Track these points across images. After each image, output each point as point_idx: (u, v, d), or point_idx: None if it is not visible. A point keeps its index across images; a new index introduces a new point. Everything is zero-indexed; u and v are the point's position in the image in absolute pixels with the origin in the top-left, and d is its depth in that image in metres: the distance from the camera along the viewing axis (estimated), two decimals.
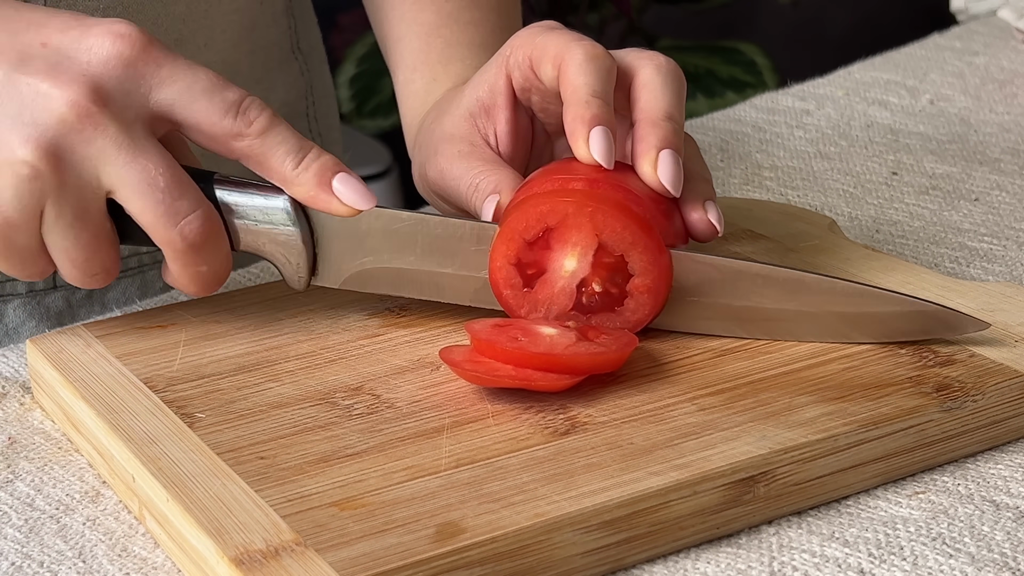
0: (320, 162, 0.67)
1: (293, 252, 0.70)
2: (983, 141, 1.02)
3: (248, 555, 0.54)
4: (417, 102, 0.83)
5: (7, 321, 0.85)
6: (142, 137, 0.65)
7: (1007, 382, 0.65)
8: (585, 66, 0.70)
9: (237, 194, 0.68)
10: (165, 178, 0.65)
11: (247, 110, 0.66)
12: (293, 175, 0.67)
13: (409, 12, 0.85)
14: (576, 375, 0.64)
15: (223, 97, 0.66)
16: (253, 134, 0.66)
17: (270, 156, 0.67)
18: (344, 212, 0.68)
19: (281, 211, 0.69)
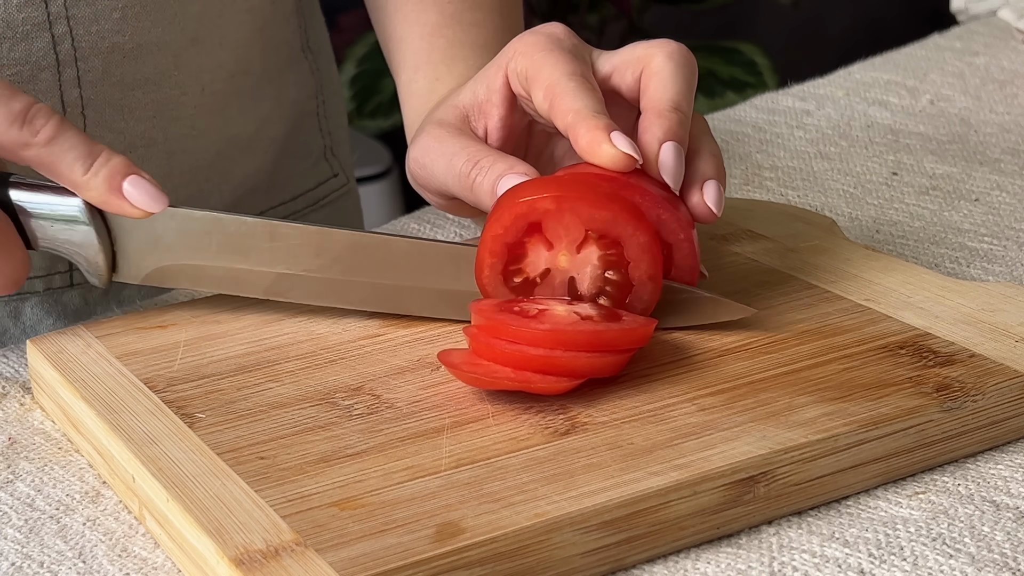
0: (110, 166, 0.68)
1: (91, 251, 0.71)
2: (983, 141, 1.02)
3: (248, 555, 0.54)
4: (420, 102, 0.83)
5: (24, 319, 0.85)
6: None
7: (1007, 382, 0.65)
8: (579, 93, 0.70)
9: (32, 195, 0.69)
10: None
11: (33, 118, 0.67)
12: (83, 180, 0.68)
13: (412, 13, 0.85)
14: (575, 378, 0.64)
15: (9, 107, 0.67)
16: (41, 142, 0.67)
17: (59, 163, 0.68)
18: (136, 214, 0.69)
19: (76, 211, 0.70)
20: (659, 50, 0.72)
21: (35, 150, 0.67)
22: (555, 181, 0.69)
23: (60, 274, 0.85)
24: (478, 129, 0.75)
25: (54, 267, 0.85)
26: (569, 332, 0.64)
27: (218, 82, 0.86)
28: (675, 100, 0.70)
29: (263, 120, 0.91)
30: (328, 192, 0.98)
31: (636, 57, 0.72)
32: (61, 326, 0.85)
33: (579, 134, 0.69)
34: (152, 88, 0.83)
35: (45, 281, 0.85)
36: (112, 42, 0.80)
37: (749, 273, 0.76)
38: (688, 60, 0.72)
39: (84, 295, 0.86)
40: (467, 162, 0.72)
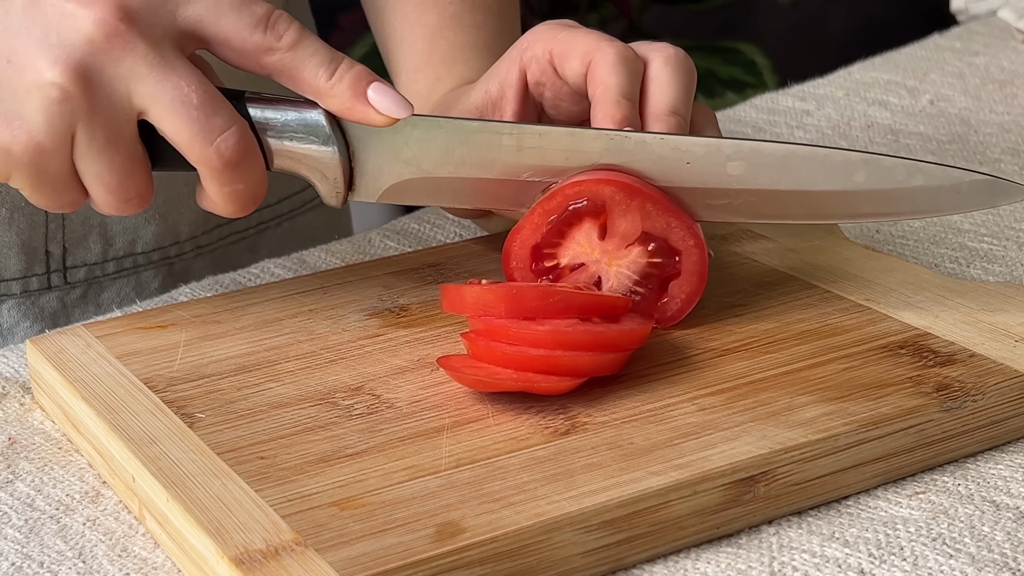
0: (354, 72, 0.67)
1: (329, 168, 0.69)
2: (983, 141, 1.02)
3: (248, 555, 0.54)
4: (420, 102, 0.83)
5: (1, 321, 0.85)
6: (172, 55, 0.64)
7: (1007, 382, 0.65)
8: (617, 67, 0.70)
9: (270, 111, 0.68)
10: (198, 95, 0.64)
11: (276, 23, 0.66)
12: (327, 87, 0.66)
13: (413, 14, 0.85)
14: (578, 376, 0.64)
15: (251, 11, 0.65)
16: (284, 47, 0.66)
17: (302, 68, 0.66)
18: (381, 122, 0.67)
19: (316, 126, 0.68)
20: (658, 55, 0.72)
21: (279, 55, 0.66)
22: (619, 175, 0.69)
23: (37, 276, 0.84)
24: None
25: (31, 269, 0.84)
26: (570, 333, 0.64)
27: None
28: (673, 104, 0.70)
29: None
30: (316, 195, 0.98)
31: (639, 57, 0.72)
32: (38, 329, 0.85)
33: (596, 116, 0.70)
34: None
35: (22, 283, 0.84)
36: None
37: (749, 273, 0.76)
38: (686, 64, 0.72)
39: (62, 297, 0.86)
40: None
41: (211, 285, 0.82)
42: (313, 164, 0.68)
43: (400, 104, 0.67)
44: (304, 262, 0.85)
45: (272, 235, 0.96)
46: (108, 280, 0.87)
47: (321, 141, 0.68)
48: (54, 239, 0.84)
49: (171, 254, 0.89)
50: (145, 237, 0.88)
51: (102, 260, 0.87)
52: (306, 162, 0.68)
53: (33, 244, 0.84)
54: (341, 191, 0.69)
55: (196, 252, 0.91)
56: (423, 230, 0.89)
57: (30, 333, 0.85)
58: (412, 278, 0.76)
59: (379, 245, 0.87)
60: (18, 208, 0.83)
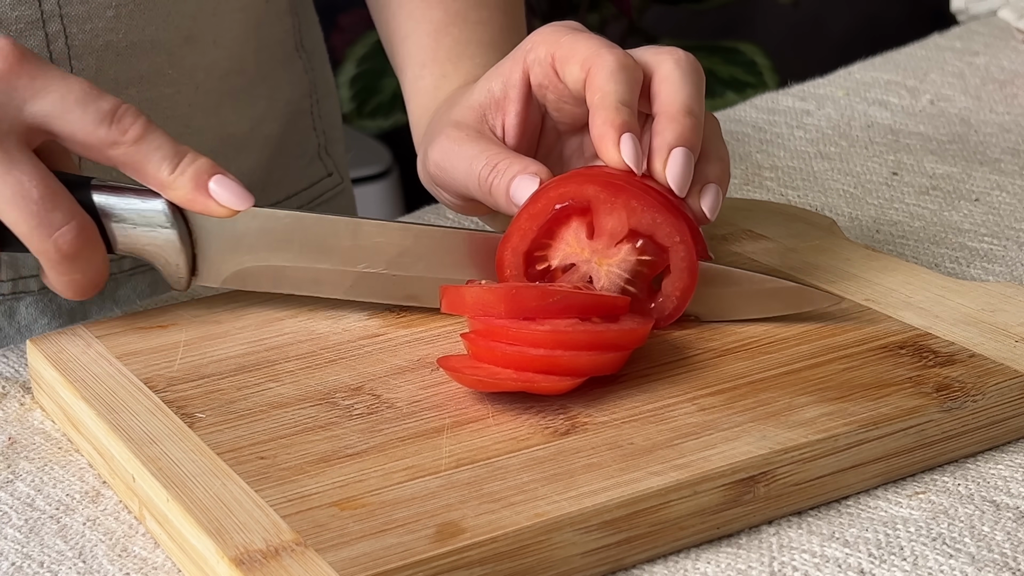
0: (196, 166, 0.69)
1: (172, 253, 0.71)
2: (983, 141, 1.02)
3: (248, 555, 0.54)
4: (426, 99, 0.83)
5: (19, 318, 0.85)
6: (15, 149, 0.66)
7: (1007, 382, 0.65)
8: (616, 74, 0.70)
9: (115, 198, 0.70)
10: (39, 190, 0.66)
11: (122, 118, 0.67)
12: (170, 180, 0.68)
13: (418, 10, 0.85)
14: (578, 376, 0.64)
15: (97, 107, 0.67)
16: (128, 142, 0.68)
17: (146, 163, 0.68)
18: (222, 213, 0.69)
19: (159, 213, 0.70)
20: (668, 57, 0.72)
21: (123, 149, 0.68)
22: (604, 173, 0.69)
23: None
24: (496, 127, 0.75)
25: None
26: (570, 333, 0.64)
27: (212, 80, 0.86)
28: (688, 104, 0.70)
29: (257, 119, 0.91)
30: (322, 191, 0.98)
31: (644, 63, 0.72)
32: (56, 325, 0.85)
33: (595, 122, 0.70)
34: (146, 86, 0.83)
35: (39, 280, 0.85)
36: (106, 40, 0.80)
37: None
38: (695, 67, 0.72)
39: None
40: (485, 166, 0.72)
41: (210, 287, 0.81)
42: (156, 250, 0.71)
43: (241, 196, 0.69)
44: None
45: None
46: (124, 277, 0.87)
47: (163, 228, 0.70)
48: None
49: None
50: None
51: (119, 257, 0.87)
52: (149, 248, 0.71)
53: None
54: (184, 276, 0.72)
55: None
56: None
57: (48, 330, 0.85)
58: None
59: None
60: None
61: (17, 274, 0.84)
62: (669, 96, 0.71)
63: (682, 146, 0.69)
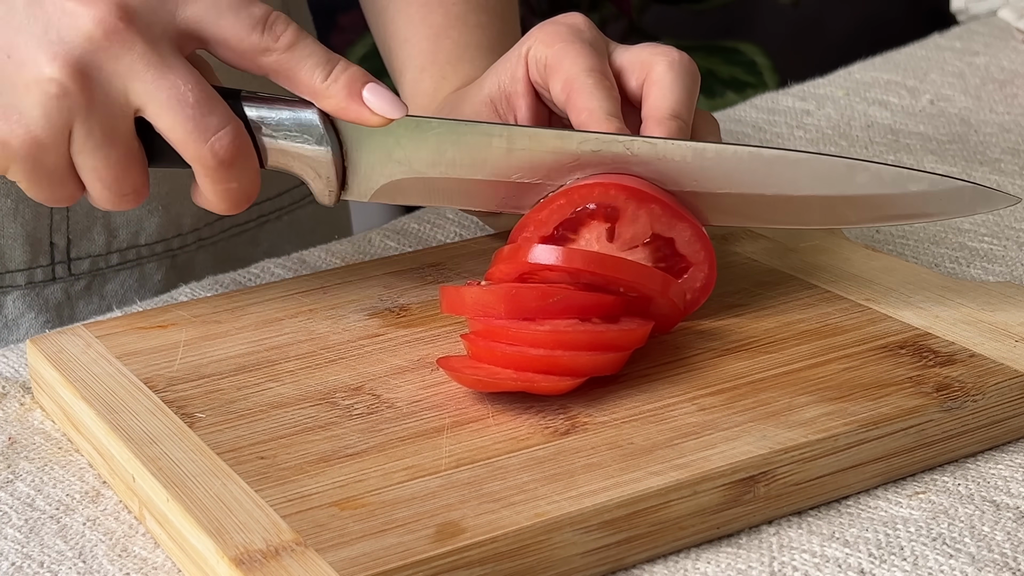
0: (349, 73, 0.68)
1: (323, 166, 0.69)
2: (983, 141, 1.02)
3: (248, 555, 0.54)
4: (425, 101, 0.83)
5: (6, 312, 0.85)
6: (170, 54, 0.65)
7: (1007, 382, 0.65)
8: (596, 92, 0.71)
9: (265, 110, 0.68)
10: (194, 94, 0.65)
11: (273, 25, 0.66)
12: (323, 87, 0.67)
13: (417, 14, 0.85)
14: (578, 376, 0.64)
15: (249, 12, 0.66)
16: (281, 48, 0.66)
17: (299, 69, 0.67)
18: (376, 122, 0.68)
19: (310, 125, 0.69)
20: (662, 58, 0.72)
21: (276, 56, 0.67)
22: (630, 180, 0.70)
23: (42, 267, 0.85)
24: (508, 121, 0.75)
25: (35, 261, 0.85)
26: (570, 333, 0.64)
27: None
28: (674, 108, 0.71)
29: None
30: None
31: (640, 62, 0.73)
32: (42, 320, 0.86)
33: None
34: None
35: (27, 275, 0.85)
36: None
37: (749, 273, 0.76)
38: (690, 69, 0.72)
39: (66, 289, 0.86)
40: None
41: (211, 285, 0.82)
42: (307, 163, 0.69)
43: (395, 105, 0.68)
44: (304, 262, 0.85)
45: (272, 228, 0.96)
46: (112, 272, 0.87)
47: (315, 140, 0.69)
48: (58, 230, 0.85)
49: (174, 246, 0.90)
50: (148, 229, 0.88)
51: (106, 252, 0.87)
52: (300, 160, 0.69)
53: (38, 235, 0.84)
54: (334, 190, 0.70)
55: (199, 244, 0.91)
56: (423, 230, 0.89)
57: (35, 324, 0.85)
58: (412, 278, 0.76)
59: (379, 245, 0.87)
60: (23, 199, 0.83)
61: (4, 268, 0.84)
62: (657, 100, 0.71)
63: None
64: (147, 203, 0.87)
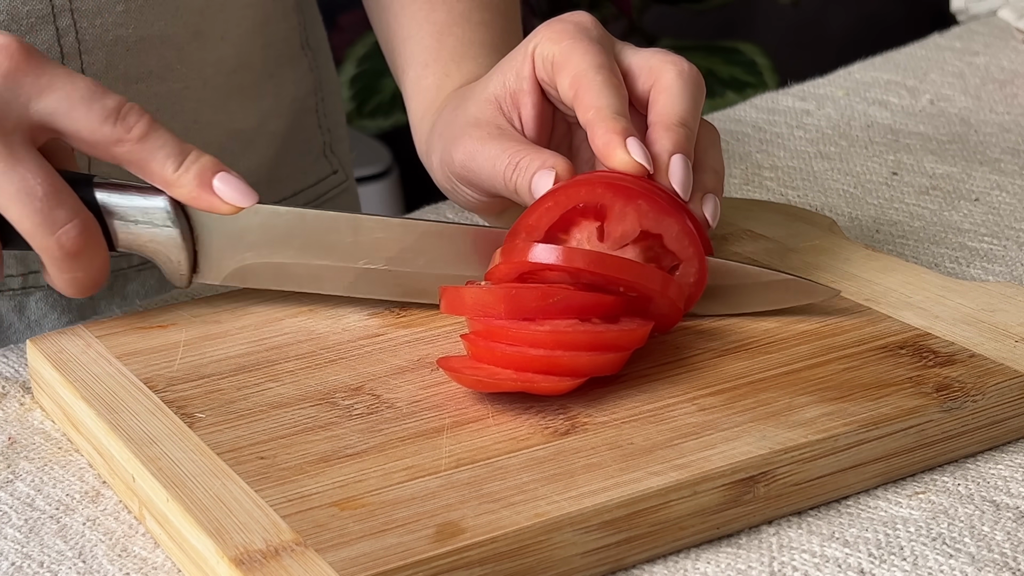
0: (200, 163, 0.69)
1: (174, 250, 0.71)
2: (983, 141, 1.02)
3: (248, 555, 0.54)
4: (428, 98, 0.84)
5: (29, 313, 0.85)
6: (20, 147, 0.66)
7: (1007, 382, 0.65)
8: (604, 90, 0.71)
9: (117, 196, 0.70)
10: (43, 187, 0.66)
11: (126, 116, 0.68)
12: (174, 177, 0.69)
13: (421, 11, 0.85)
14: (578, 377, 0.64)
15: (102, 104, 0.67)
16: (133, 139, 0.68)
17: (150, 160, 0.68)
18: (226, 210, 0.69)
19: (161, 211, 0.70)
20: (672, 67, 0.73)
21: (128, 146, 0.68)
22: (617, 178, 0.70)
23: None
24: (513, 118, 0.76)
25: None
26: (570, 333, 0.64)
27: (220, 76, 0.87)
28: (683, 116, 0.72)
29: (264, 115, 0.91)
30: (328, 189, 0.98)
31: (649, 67, 0.73)
32: (65, 320, 0.86)
33: (597, 134, 0.70)
34: (155, 81, 0.83)
35: None
36: (116, 35, 0.80)
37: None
38: (697, 79, 0.73)
39: None
40: (508, 165, 0.73)
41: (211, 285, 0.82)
42: (158, 247, 0.71)
43: (245, 194, 0.69)
44: None
45: None
46: (133, 272, 0.88)
47: (165, 226, 0.71)
48: None
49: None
50: None
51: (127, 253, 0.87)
52: (150, 245, 0.71)
53: None
54: (185, 273, 0.72)
55: None
56: None
57: (58, 325, 0.86)
58: None
59: None
60: None
61: (27, 269, 0.84)
62: (666, 107, 0.72)
63: (679, 153, 0.70)
64: None
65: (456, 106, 0.79)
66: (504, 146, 0.73)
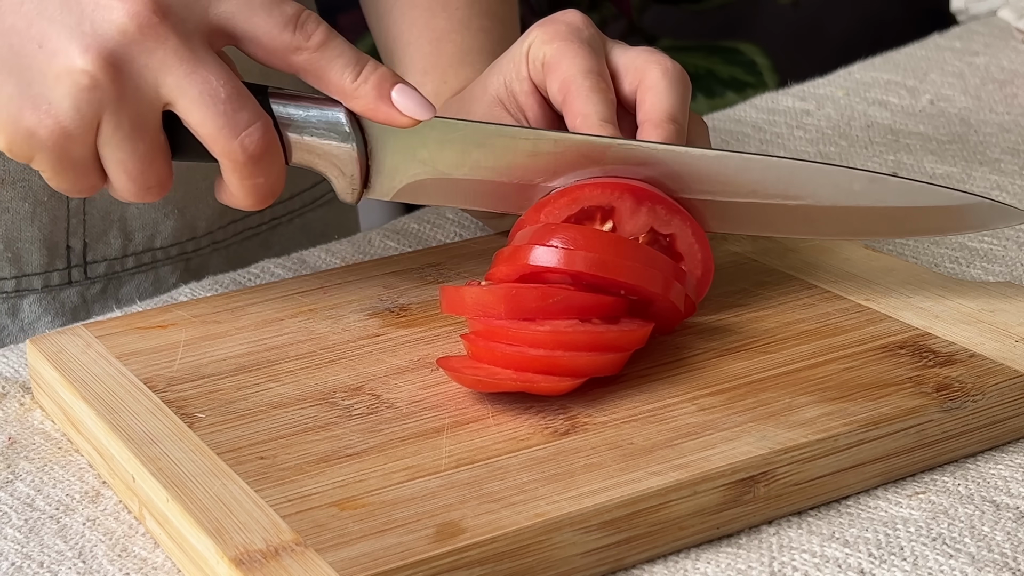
0: (379, 74, 0.67)
1: (347, 165, 0.70)
2: (983, 141, 1.02)
3: (248, 555, 0.54)
4: None
5: (23, 316, 0.85)
6: (202, 49, 0.65)
7: (1007, 382, 0.65)
8: (591, 96, 0.71)
9: (292, 107, 0.69)
10: (226, 89, 0.65)
11: (305, 23, 0.67)
12: (352, 87, 0.67)
13: (421, 18, 0.85)
14: (577, 377, 0.64)
15: (281, 11, 0.66)
16: (312, 47, 0.67)
17: (329, 69, 0.67)
18: (404, 123, 0.68)
19: (337, 123, 0.69)
20: (656, 66, 0.73)
21: (306, 55, 0.67)
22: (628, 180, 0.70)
23: (58, 271, 0.85)
24: (520, 119, 0.76)
25: (52, 264, 0.85)
26: (570, 333, 0.64)
27: None
28: (671, 112, 0.72)
29: None
30: (325, 191, 0.98)
31: (635, 67, 0.74)
32: (59, 323, 0.86)
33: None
34: None
35: (43, 278, 0.85)
36: None
37: (749, 273, 0.76)
38: (682, 76, 0.73)
39: (82, 292, 0.86)
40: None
41: (211, 285, 0.82)
42: (331, 160, 0.70)
43: (423, 106, 0.68)
44: (304, 262, 0.85)
45: (284, 231, 0.96)
46: (127, 275, 0.88)
47: (340, 138, 0.69)
48: (75, 234, 0.85)
49: (188, 249, 0.90)
50: (164, 232, 0.88)
51: (122, 255, 0.87)
52: (325, 158, 0.69)
53: (55, 239, 0.85)
54: (357, 188, 0.71)
55: (212, 247, 0.91)
56: (423, 230, 0.89)
57: (51, 327, 0.86)
58: (412, 278, 0.76)
59: (379, 245, 0.87)
60: (40, 203, 0.83)
61: (21, 272, 0.84)
62: (654, 105, 0.72)
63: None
64: (163, 206, 0.87)
65: (456, 112, 0.79)
66: None
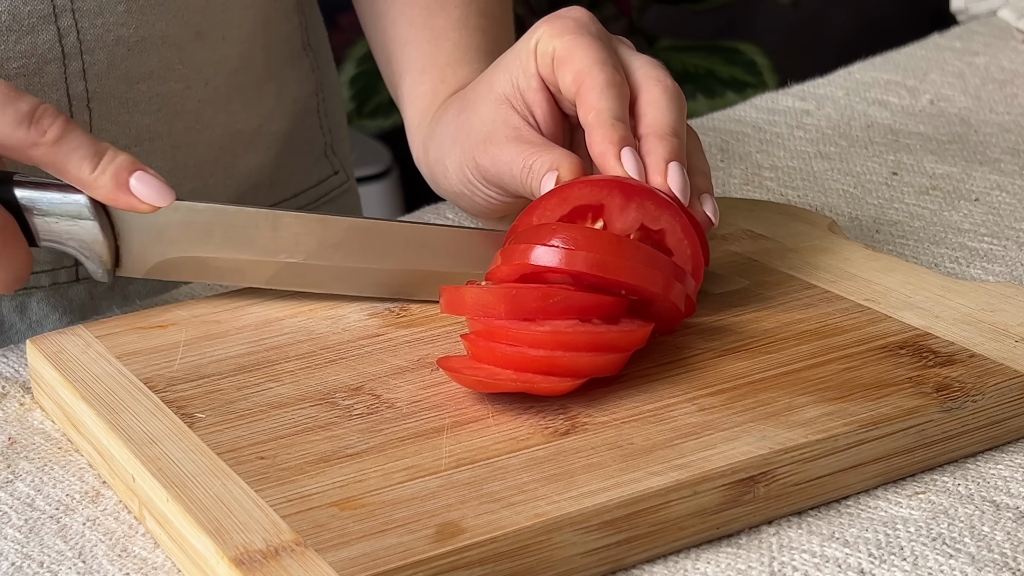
0: (116, 163, 0.69)
1: (95, 246, 0.72)
2: (983, 141, 1.02)
3: (248, 555, 0.54)
4: (425, 103, 0.83)
5: (30, 314, 0.85)
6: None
7: (1007, 382, 0.65)
8: (606, 92, 0.72)
9: (36, 193, 0.70)
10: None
11: (41, 119, 0.68)
12: (91, 179, 0.69)
13: (419, 17, 0.85)
14: (577, 377, 0.64)
15: (16, 108, 0.68)
16: (48, 142, 0.68)
17: (67, 162, 0.69)
18: (144, 209, 0.70)
19: (81, 207, 0.71)
20: (655, 83, 0.74)
21: (43, 149, 0.68)
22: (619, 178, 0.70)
23: (66, 268, 0.85)
24: (528, 117, 0.76)
25: (59, 262, 0.85)
26: (570, 334, 0.64)
27: (221, 76, 0.87)
28: (673, 127, 0.72)
29: (265, 116, 0.91)
30: (329, 189, 0.98)
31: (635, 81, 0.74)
32: (67, 321, 0.86)
33: (594, 140, 0.71)
34: (156, 82, 0.83)
35: (51, 276, 0.85)
36: (117, 35, 0.80)
37: (749, 273, 0.76)
38: (679, 94, 0.74)
39: (90, 289, 0.87)
40: (523, 168, 0.73)
41: (211, 285, 0.82)
42: (79, 243, 0.72)
43: (162, 192, 0.70)
44: None
45: None
46: None
47: (86, 222, 0.71)
48: None
49: None
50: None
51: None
52: (72, 242, 0.72)
53: None
54: (108, 268, 0.73)
55: None
56: None
57: (59, 325, 0.86)
58: None
59: None
60: None
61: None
62: (656, 119, 0.72)
63: (675, 161, 0.71)
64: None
65: (460, 110, 0.79)
66: (519, 148, 0.74)
